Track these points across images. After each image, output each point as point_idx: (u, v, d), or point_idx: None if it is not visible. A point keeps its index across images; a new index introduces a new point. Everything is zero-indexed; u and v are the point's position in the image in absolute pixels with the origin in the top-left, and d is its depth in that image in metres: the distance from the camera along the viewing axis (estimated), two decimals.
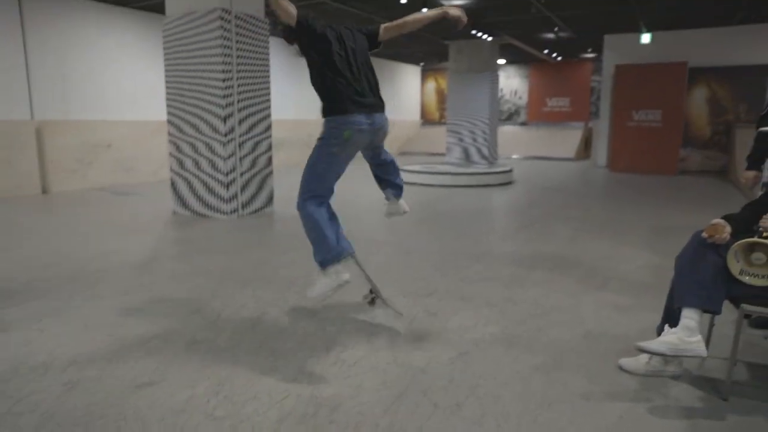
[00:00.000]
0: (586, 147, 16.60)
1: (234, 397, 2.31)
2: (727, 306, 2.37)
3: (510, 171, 10.33)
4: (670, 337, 2.34)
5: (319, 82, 3.11)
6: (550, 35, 13.45)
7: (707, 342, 2.63)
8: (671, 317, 2.45)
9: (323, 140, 3.02)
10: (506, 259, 4.64)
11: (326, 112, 3.06)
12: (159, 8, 9.75)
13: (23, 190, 8.61)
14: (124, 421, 2.13)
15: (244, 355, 2.72)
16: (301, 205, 2.97)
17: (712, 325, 2.64)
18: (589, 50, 15.83)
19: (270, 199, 7.05)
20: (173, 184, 6.93)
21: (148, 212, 7.04)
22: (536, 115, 18.89)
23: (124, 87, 10.12)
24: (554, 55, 16.19)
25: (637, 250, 4.95)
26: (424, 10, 2.86)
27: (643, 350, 2.38)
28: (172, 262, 4.61)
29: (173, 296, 3.66)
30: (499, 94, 17.72)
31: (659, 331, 2.52)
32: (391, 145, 18.69)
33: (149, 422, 2.12)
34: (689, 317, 2.32)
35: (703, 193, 9.04)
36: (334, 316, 3.26)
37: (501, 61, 17.74)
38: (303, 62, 3.19)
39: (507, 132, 17.64)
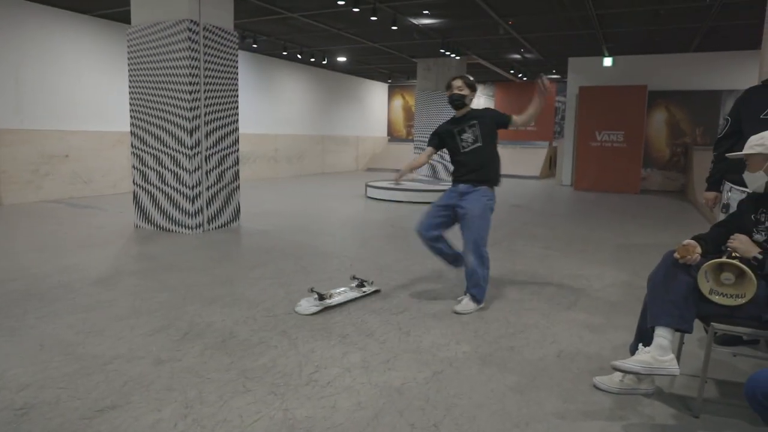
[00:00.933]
0: (550, 166, 16.94)
1: (203, 420, 2.20)
2: (695, 324, 2.41)
3: None
4: (644, 356, 2.35)
5: (497, 160, 3.92)
6: (517, 56, 13.75)
7: (677, 360, 2.67)
8: (644, 336, 2.48)
9: (491, 202, 3.82)
10: None
11: (495, 182, 3.88)
12: (121, 17, 9.58)
13: None
14: None
15: (213, 375, 2.62)
16: (485, 252, 3.77)
17: (681, 343, 2.67)
18: (554, 71, 16.24)
19: (236, 214, 6.91)
20: (136, 197, 6.73)
21: (108, 226, 6.81)
22: (502, 133, 18.86)
23: (83, 96, 9.82)
24: (520, 75, 16.55)
25: (605, 268, 5.03)
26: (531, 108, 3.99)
27: (618, 369, 2.39)
28: (134, 277, 4.44)
29: (136, 314, 3.51)
30: None
31: (632, 350, 2.54)
32: (358, 161, 18.75)
33: None
34: (662, 336, 2.35)
35: (664, 211, 9.31)
36: (306, 335, 3.18)
37: None
38: (272, 77, 3.63)
39: None
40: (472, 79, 3.86)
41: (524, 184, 14.14)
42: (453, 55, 12.68)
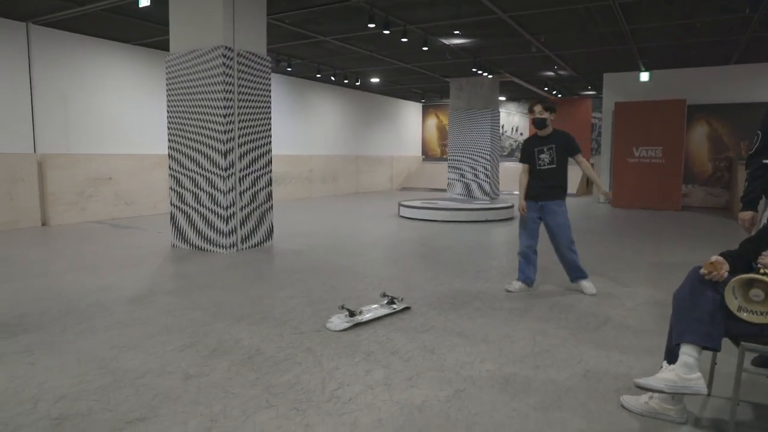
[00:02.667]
0: (587, 183, 16.67)
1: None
2: (729, 344, 2.33)
3: (511, 207, 10.34)
4: (669, 374, 2.29)
5: (566, 177, 4.73)
6: (550, 73, 13.68)
7: (710, 381, 2.58)
8: (672, 356, 2.41)
9: (565, 208, 4.66)
10: (505, 296, 4.60)
11: (564, 195, 4.69)
12: (161, 45, 10.00)
13: (23, 223, 8.64)
14: None
15: (238, 391, 2.68)
16: (575, 246, 4.70)
17: (714, 363, 2.59)
18: (589, 88, 16.07)
19: (269, 234, 7.05)
20: (173, 218, 6.95)
21: (146, 246, 7.04)
22: None
23: (125, 121, 10.26)
24: (554, 92, 16.43)
25: (638, 287, 4.91)
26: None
27: (640, 387, 2.33)
28: (168, 296, 4.58)
29: (168, 331, 3.62)
30: (501, 131, 17.92)
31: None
32: (392, 181, 18.86)
33: None
34: (688, 354, 2.28)
35: (706, 229, 9.02)
36: (331, 353, 3.21)
37: (501, 98, 18.00)
38: (306, 99, 3.71)
39: (509, 168, 17.73)
40: (550, 102, 4.64)
41: None
42: (485, 74, 12.71)
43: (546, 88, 15.50)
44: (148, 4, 6.82)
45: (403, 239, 7.88)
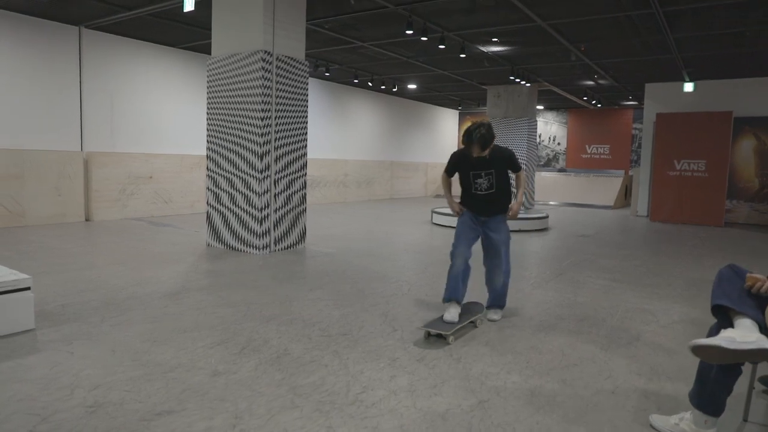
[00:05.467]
0: (626, 195, 16.31)
1: (250, 431, 2.30)
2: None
3: (545, 217, 10.21)
4: (729, 332, 2.13)
5: (509, 193, 4.16)
6: (590, 82, 13.46)
7: (747, 404, 2.51)
8: (704, 376, 2.33)
9: (507, 225, 4.15)
10: (535, 307, 4.55)
11: (507, 209, 4.13)
12: (203, 48, 10.26)
13: (68, 218, 8.98)
14: None
15: (264, 390, 2.72)
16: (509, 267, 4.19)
17: (751, 388, 2.51)
18: (630, 98, 15.75)
19: (302, 237, 7.14)
20: (209, 217, 7.11)
21: (183, 243, 7.22)
22: (575, 161, 18.76)
23: (166, 122, 10.56)
24: (594, 101, 16.15)
25: (674, 303, 4.78)
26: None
27: (698, 346, 2.12)
28: (201, 293, 4.68)
29: (199, 327, 3.70)
30: (537, 140, 17.70)
31: (692, 396, 2.37)
32: (427, 188, 18.82)
33: None
34: (743, 317, 2.19)
35: (749, 246, 8.71)
36: (357, 357, 3.23)
37: (539, 107, 17.81)
38: (343, 104, 3.63)
39: (545, 178, 17.52)
40: (489, 135, 3.82)
41: (596, 214, 13.68)
42: (523, 82, 12.60)
43: (585, 98, 15.26)
44: (193, 8, 7.01)
45: (434, 246, 7.86)
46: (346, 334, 3.64)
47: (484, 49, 10.08)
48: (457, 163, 4.08)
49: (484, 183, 3.96)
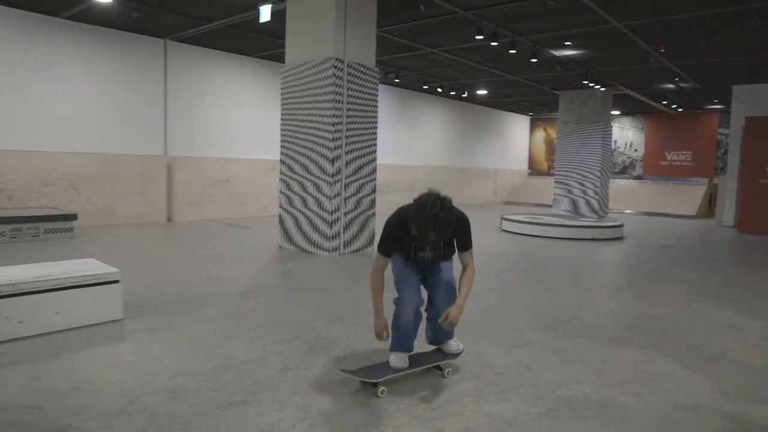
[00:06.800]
0: (710, 204, 15.40)
1: (318, 426, 2.36)
2: None
3: (620, 226, 9.82)
4: None
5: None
6: (670, 86, 12.85)
7: None
8: None
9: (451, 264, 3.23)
10: (608, 318, 4.38)
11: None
12: (277, 57, 10.62)
13: (151, 218, 9.54)
14: None
15: (332, 387, 2.78)
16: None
17: None
18: (715, 101, 14.89)
19: (371, 240, 7.23)
20: (281, 220, 7.34)
21: (256, 245, 7.50)
22: (653, 168, 17.92)
23: (242, 128, 11.02)
24: (674, 106, 15.39)
25: (762, 321, 4.47)
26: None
27: None
28: (272, 293, 4.84)
29: (270, 324, 3.83)
30: (613, 146, 17.07)
31: None
32: (496, 194, 18.57)
33: None
34: None
35: None
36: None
37: (615, 112, 17.16)
38: (412, 110, 3.03)
39: (620, 185, 16.84)
40: (444, 219, 2.77)
41: (675, 224, 12.99)
42: (597, 87, 12.20)
43: (665, 102, 14.57)
44: (269, 19, 7.29)
45: (503, 253, 7.74)
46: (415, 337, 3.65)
47: (557, 53, 9.85)
48: (396, 239, 3.03)
49: (428, 255, 3.06)
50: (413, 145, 15.37)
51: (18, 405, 2.49)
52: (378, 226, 7.67)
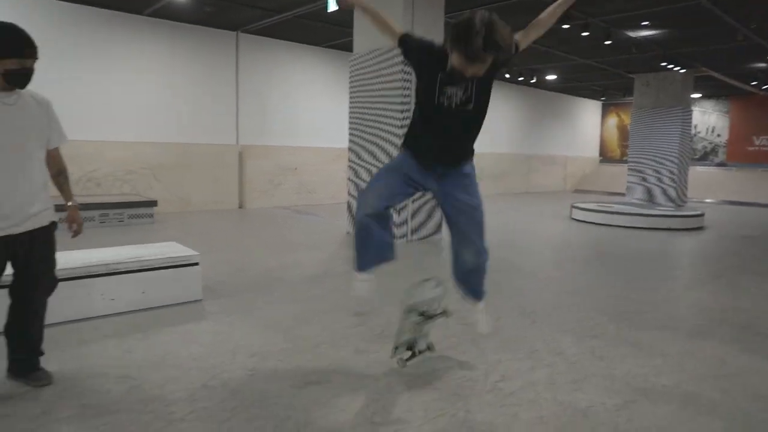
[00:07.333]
0: None
1: (390, 407, 2.40)
2: None
3: (700, 215, 9.30)
4: None
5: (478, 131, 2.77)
6: (761, 65, 11.98)
7: None
8: None
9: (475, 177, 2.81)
10: (689, 310, 4.18)
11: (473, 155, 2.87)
12: (344, 46, 10.71)
13: (225, 205, 9.93)
14: (293, 410, 2.35)
15: (403, 370, 2.82)
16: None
17: None
18: None
19: (438, 227, 7.21)
20: (349, 207, 7.45)
21: (324, 231, 7.66)
22: (738, 155, 16.81)
23: (310, 117, 11.22)
24: (765, 87, 14.32)
25: None
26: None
27: None
28: (341, 278, 4.94)
29: (340, 309, 3.91)
30: (693, 131, 16.14)
31: None
32: (566, 182, 18.05)
33: (314, 417, 2.31)
34: None
35: None
36: (494, 346, 3.22)
37: (695, 95, 16.19)
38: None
39: (700, 173, 15.93)
40: (499, 37, 2.12)
41: (763, 214, 12.15)
42: (677, 68, 11.55)
43: (754, 82, 13.60)
44: (337, 8, 7.36)
45: (573, 241, 7.53)
46: None
47: (633, 34, 9.40)
48: (422, 58, 2.42)
49: (457, 94, 2.34)
50: (480, 133, 15.13)
51: (113, 374, 2.68)
52: None
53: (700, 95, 16.79)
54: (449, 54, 2.16)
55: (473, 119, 2.48)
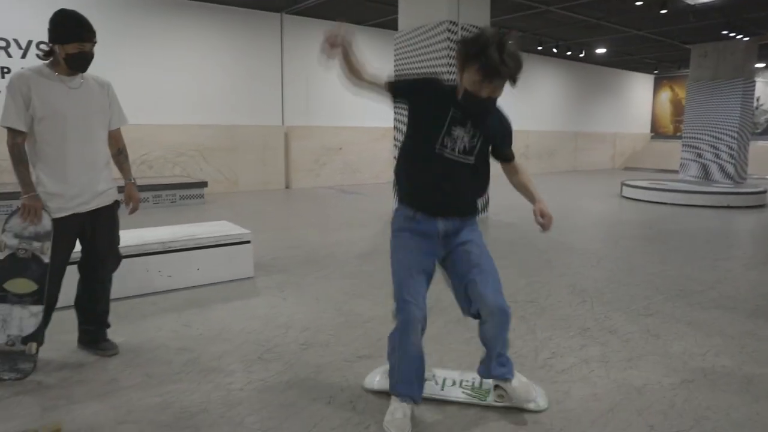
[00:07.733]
0: None
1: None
2: None
3: (762, 192, 8.87)
4: None
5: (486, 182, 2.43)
6: None
7: None
8: None
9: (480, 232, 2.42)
10: (750, 290, 4.02)
11: (477, 210, 2.47)
12: (388, 24, 10.62)
13: (271, 185, 10.10)
14: (346, 382, 2.41)
15: (454, 345, 2.84)
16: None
17: None
18: None
19: (485, 206, 7.15)
20: (394, 186, 7.45)
21: (369, 210, 7.70)
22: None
23: (354, 96, 11.18)
24: None
25: None
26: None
27: None
28: (389, 255, 4.97)
29: (390, 285, 3.93)
30: (755, 104, 15.32)
31: None
32: (615, 159, 17.54)
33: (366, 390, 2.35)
34: None
35: None
36: (544, 324, 3.19)
37: (759, 65, 15.31)
38: (525, 73, 2.05)
39: (762, 148, 15.14)
40: (518, 56, 1.98)
41: None
42: (740, 36, 10.94)
43: None
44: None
45: (625, 220, 7.32)
46: (533, 301, 3.60)
47: (691, 1, 8.93)
48: (424, 91, 2.15)
49: (463, 139, 2.09)
50: (525, 109, 14.81)
51: (173, 347, 2.80)
52: (492, 191, 7.58)
53: (764, 65, 15.87)
54: (461, 75, 1.99)
55: (473, 168, 2.18)
